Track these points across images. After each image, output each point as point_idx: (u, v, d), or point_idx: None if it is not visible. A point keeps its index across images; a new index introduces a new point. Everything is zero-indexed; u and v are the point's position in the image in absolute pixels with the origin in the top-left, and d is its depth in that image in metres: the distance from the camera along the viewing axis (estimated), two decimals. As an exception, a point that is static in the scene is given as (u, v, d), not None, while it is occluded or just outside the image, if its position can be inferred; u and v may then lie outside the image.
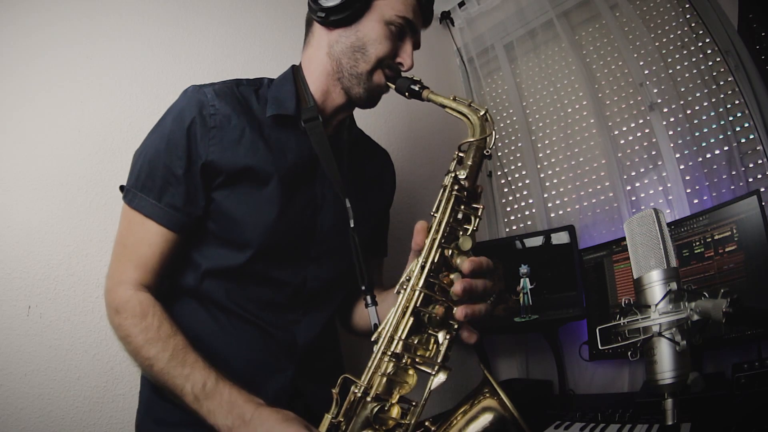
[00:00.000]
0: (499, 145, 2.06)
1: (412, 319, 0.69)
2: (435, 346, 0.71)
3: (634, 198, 1.65)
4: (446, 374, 0.67)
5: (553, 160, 1.90)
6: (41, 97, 1.05)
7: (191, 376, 0.74)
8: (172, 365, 0.75)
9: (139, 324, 0.78)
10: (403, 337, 0.68)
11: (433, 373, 0.67)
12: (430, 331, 0.71)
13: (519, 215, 1.98)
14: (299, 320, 0.91)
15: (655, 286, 0.70)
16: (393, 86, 0.92)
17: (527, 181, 1.95)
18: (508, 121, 2.07)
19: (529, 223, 1.94)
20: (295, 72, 0.97)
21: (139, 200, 0.83)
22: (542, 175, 1.91)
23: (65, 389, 0.96)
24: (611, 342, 1.17)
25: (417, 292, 0.70)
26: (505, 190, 2.02)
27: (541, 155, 1.94)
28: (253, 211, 0.86)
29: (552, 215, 1.86)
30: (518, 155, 2.01)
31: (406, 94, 0.90)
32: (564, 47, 1.87)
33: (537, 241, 1.65)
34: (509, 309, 1.59)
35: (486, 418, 0.68)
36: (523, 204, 1.97)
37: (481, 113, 0.83)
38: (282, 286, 0.90)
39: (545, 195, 1.89)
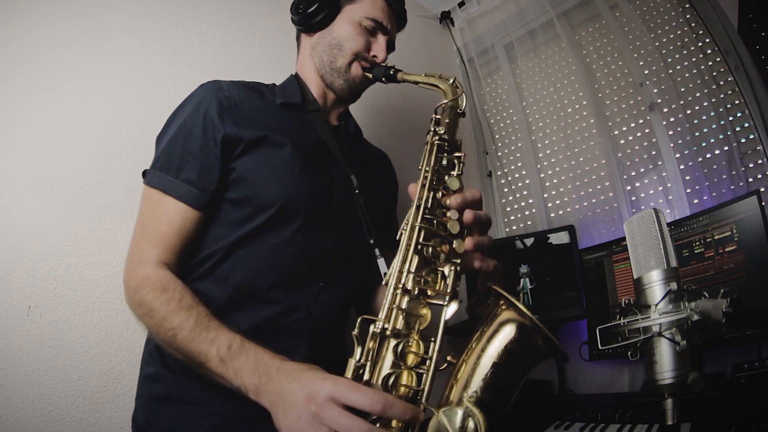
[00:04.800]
0: (499, 145, 2.06)
1: (416, 257, 0.72)
2: (443, 280, 0.73)
3: (634, 198, 1.65)
4: (458, 304, 0.69)
5: (553, 160, 1.90)
6: (41, 97, 1.05)
7: (216, 340, 0.74)
8: (197, 332, 0.75)
9: (161, 297, 0.79)
10: (412, 270, 0.71)
11: (445, 303, 0.69)
12: (436, 268, 0.74)
13: (519, 215, 1.98)
14: (318, 293, 0.92)
15: (655, 286, 0.70)
16: (371, 75, 1.02)
17: (527, 181, 1.95)
18: (508, 121, 2.07)
19: (529, 223, 1.94)
20: (297, 77, 1.08)
21: (157, 179, 0.87)
22: (542, 175, 1.91)
23: (65, 389, 0.96)
24: (611, 342, 1.17)
25: (417, 229, 0.73)
26: (505, 190, 2.02)
27: (541, 155, 1.94)
28: (275, 170, 0.90)
29: (552, 215, 1.86)
30: (518, 155, 2.01)
31: (383, 79, 1.00)
32: (564, 47, 1.87)
33: (537, 241, 1.64)
34: (509, 309, 1.59)
35: (506, 331, 0.68)
36: (523, 204, 1.97)
37: (451, 81, 0.94)
38: (304, 253, 0.91)
39: (545, 195, 1.89)
